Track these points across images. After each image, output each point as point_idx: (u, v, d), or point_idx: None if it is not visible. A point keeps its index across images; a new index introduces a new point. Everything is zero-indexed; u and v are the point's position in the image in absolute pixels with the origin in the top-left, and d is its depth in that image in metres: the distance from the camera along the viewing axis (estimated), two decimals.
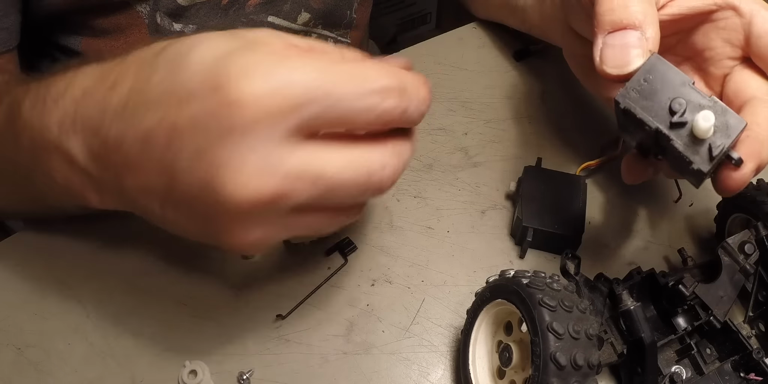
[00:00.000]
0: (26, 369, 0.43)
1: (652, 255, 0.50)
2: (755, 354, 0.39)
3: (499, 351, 0.40)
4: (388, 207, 0.52)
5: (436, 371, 0.44)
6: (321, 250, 0.49)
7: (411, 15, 1.23)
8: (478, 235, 0.50)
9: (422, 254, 0.49)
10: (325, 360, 0.44)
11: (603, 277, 0.38)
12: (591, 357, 0.34)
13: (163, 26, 0.58)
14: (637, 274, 0.41)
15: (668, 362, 0.40)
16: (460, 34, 0.66)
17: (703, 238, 0.52)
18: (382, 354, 0.44)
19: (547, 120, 0.57)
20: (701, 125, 0.31)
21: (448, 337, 0.45)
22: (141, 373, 0.43)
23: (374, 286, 0.47)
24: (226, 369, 0.43)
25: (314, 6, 0.64)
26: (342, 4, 0.66)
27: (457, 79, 0.61)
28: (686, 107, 0.32)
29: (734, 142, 0.33)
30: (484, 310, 0.41)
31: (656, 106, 0.33)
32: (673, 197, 0.54)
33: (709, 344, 0.41)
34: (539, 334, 0.34)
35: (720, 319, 0.40)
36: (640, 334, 0.36)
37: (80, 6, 0.55)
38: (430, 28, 1.28)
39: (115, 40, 0.59)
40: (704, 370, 0.40)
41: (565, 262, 0.40)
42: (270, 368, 0.43)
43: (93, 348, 0.43)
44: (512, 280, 0.38)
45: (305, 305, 0.46)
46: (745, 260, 0.42)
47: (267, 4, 0.61)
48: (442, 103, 0.59)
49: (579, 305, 0.36)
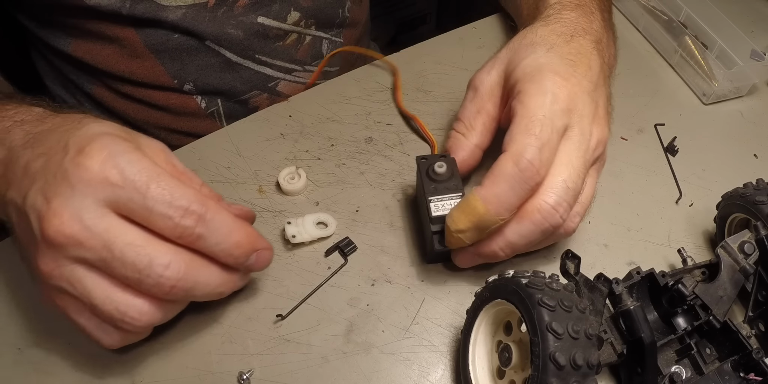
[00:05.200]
0: (26, 369, 0.43)
1: (652, 255, 0.50)
2: (755, 354, 0.39)
3: (498, 351, 0.40)
4: (388, 207, 0.52)
5: (436, 371, 0.44)
6: (321, 250, 0.49)
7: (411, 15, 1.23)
8: None
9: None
10: (325, 360, 0.44)
11: (603, 277, 0.38)
12: (590, 357, 0.34)
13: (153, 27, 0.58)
14: (637, 274, 0.41)
15: (668, 362, 0.40)
16: (460, 34, 0.66)
17: (703, 238, 0.52)
18: (382, 354, 0.44)
19: None
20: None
21: (448, 337, 0.45)
22: (141, 373, 0.43)
23: (374, 286, 0.47)
24: (226, 369, 0.43)
25: (303, 4, 0.63)
26: (333, 3, 0.66)
27: (457, 79, 0.61)
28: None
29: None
30: (483, 310, 0.41)
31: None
32: (673, 197, 0.54)
33: (709, 344, 0.41)
34: (538, 334, 0.34)
35: (720, 319, 0.40)
36: (640, 334, 0.36)
37: (60, 7, 0.55)
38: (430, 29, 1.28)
39: (104, 43, 0.59)
40: (704, 370, 0.40)
41: (565, 261, 0.40)
42: (270, 368, 0.43)
43: (93, 348, 0.43)
44: (511, 280, 0.38)
45: (305, 305, 0.46)
46: (744, 260, 0.42)
47: (256, 5, 0.61)
48: (442, 103, 0.59)
49: (578, 305, 0.36)
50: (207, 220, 0.36)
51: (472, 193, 0.41)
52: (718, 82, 0.59)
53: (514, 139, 0.41)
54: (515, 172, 0.40)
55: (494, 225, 0.41)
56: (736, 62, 0.58)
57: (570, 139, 0.43)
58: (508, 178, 0.40)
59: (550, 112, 0.42)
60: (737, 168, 0.56)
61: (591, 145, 0.44)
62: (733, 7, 0.69)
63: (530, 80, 0.43)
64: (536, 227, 0.42)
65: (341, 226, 0.50)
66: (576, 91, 0.43)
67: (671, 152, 0.57)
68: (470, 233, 0.41)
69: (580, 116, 0.43)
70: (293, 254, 0.49)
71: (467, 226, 0.41)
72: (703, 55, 0.60)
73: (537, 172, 0.40)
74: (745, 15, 0.70)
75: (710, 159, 0.57)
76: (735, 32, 0.60)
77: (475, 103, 0.49)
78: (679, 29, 0.62)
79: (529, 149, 0.40)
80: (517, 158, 0.40)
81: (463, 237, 0.42)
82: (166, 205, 0.35)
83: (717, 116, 0.61)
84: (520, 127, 0.41)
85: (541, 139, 0.41)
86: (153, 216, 0.35)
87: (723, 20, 0.61)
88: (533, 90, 0.43)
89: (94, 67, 0.61)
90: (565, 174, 0.42)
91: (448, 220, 0.42)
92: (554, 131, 0.41)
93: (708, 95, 0.61)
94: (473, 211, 0.40)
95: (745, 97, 0.62)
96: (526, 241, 0.42)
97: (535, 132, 0.41)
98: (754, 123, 0.60)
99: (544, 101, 0.42)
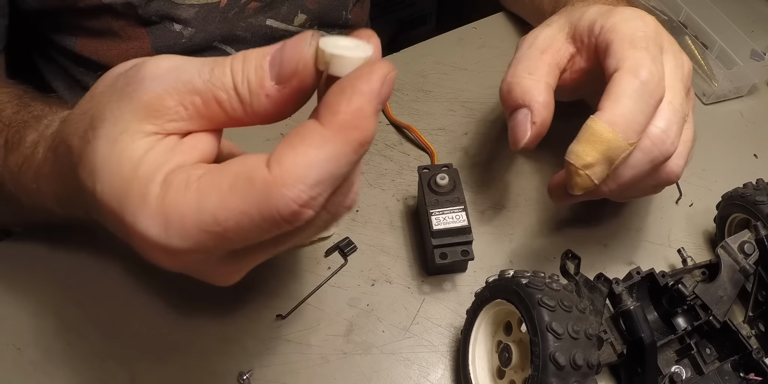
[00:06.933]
0: (26, 369, 0.43)
1: (652, 255, 0.50)
2: (755, 354, 0.39)
3: (498, 351, 0.40)
4: (388, 207, 0.52)
5: (436, 371, 0.44)
6: (321, 250, 0.49)
7: (411, 15, 1.23)
8: (477, 234, 0.50)
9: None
10: (325, 360, 0.44)
11: (603, 277, 0.38)
12: (590, 357, 0.34)
13: (163, 26, 0.58)
14: (637, 274, 0.41)
15: (668, 362, 0.40)
16: (460, 34, 0.66)
17: (703, 238, 0.52)
18: (382, 354, 0.44)
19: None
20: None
21: (448, 337, 0.45)
22: (141, 373, 0.43)
23: (374, 286, 0.47)
24: (226, 369, 0.43)
25: (310, 7, 0.64)
26: (337, 5, 0.66)
27: (457, 79, 0.61)
28: None
29: None
30: (483, 310, 0.41)
31: None
32: (673, 197, 0.54)
33: (709, 344, 0.41)
34: (538, 334, 0.34)
35: (720, 319, 0.40)
36: (640, 334, 0.36)
37: (65, 7, 0.55)
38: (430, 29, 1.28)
39: (112, 41, 0.59)
40: (704, 370, 0.40)
41: (565, 262, 0.40)
42: (270, 368, 0.43)
43: (93, 348, 0.43)
44: (511, 280, 0.37)
45: (305, 305, 0.46)
46: (744, 260, 0.42)
47: (266, 7, 0.61)
48: (442, 103, 0.59)
49: (578, 305, 0.36)
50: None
51: (593, 120, 0.37)
52: (718, 82, 0.59)
53: (624, 55, 0.38)
54: (637, 86, 0.37)
55: (624, 153, 0.37)
56: (736, 62, 0.58)
57: (667, 63, 0.40)
58: (631, 93, 0.36)
59: (649, 31, 0.39)
60: (737, 168, 0.56)
61: (685, 70, 0.41)
62: (733, 7, 0.69)
63: (611, 14, 0.41)
64: (645, 155, 0.38)
65: (341, 226, 0.50)
66: (656, 20, 0.41)
67: None
68: (599, 167, 0.37)
69: (669, 41, 0.41)
70: (294, 254, 0.49)
71: (596, 157, 0.36)
72: (703, 55, 0.60)
73: (658, 83, 0.37)
74: (745, 15, 0.70)
75: (710, 159, 0.57)
76: (735, 32, 0.60)
77: (536, 47, 0.43)
78: (679, 29, 0.62)
79: (646, 61, 0.37)
80: (636, 71, 0.37)
81: (591, 173, 0.37)
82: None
83: (717, 116, 0.61)
84: (624, 46, 0.38)
85: (651, 52, 0.38)
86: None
87: (723, 20, 0.61)
88: (620, 19, 0.40)
89: (100, 65, 0.61)
90: (669, 96, 0.38)
91: (571, 157, 0.37)
92: (657, 48, 0.39)
93: (708, 95, 0.61)
94: (600, 139, 0.36)
95: (745, 97, 0.62)
96: (633, 173, 0.38)
97: (643, 46, 0.38)
98: (754, 123, 0.60)
99: (637, 24, 0.39)
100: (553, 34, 0.44)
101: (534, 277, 0.37)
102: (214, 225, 0.25)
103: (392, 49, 0.65)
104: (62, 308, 0.45)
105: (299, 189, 0.24)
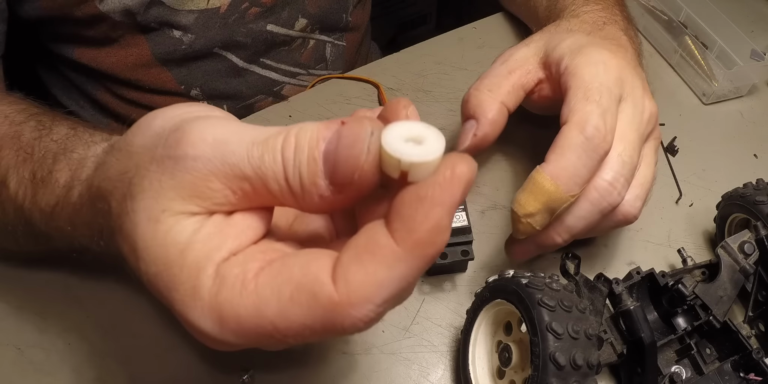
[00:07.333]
0: (26, 369, 0.43)
1: (652, 255, 0.50)
2: (755, 354, 0.39)
3: (498, 351, 0.40)
4: None
5: (436, 371, 0.44)
6: None
7: (411, 15, 1.23)
8: (477, 235, 0.50)
9: None
10: (325, 360, 0.44)
11: (603, 277, 0.38)
12: (590, 357, 0.34)
13: (163, 33, 0.58)
14: (637, 274, 0.41)
15: (668, 362, 0.40)
16: (460, 34, 0.66)
17: (703, 238, 0.52)
18: (382, 354, 0.44)
19: (547, 119, 0.57)
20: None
21: (448, 337, 0.45)
22: (141, 373, 0.43)
23: None
24: (226, 369, 0.43)
25: (311, 11, 0.64)
26: (337, 8, 0.66)
27: (457, 79, 0.61)
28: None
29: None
30: (483, 310, 0.41)
31: None
32: (673, 197, 0.54)
33: (709, 344, 0.41)
34: (538, 334, 0.34)
35: (720, 319, 0.40)
36: (640, 334, 0.36)
37: (62, 16, 0.55)
38: (429, 29, 1.28)
39: (111, 49, 0.59)
40: (704, 370, 0.40)
41: (565, 261, 0.40)
42: (270, 368, 0.43)
43: (93, 348, 0.43)
44: (511, 280, 0.37)
45: None
46: (744, 260, 0.42)
47: (266, 12, 0.61)
48: (442, 103, 0.59)
49: (578, 305, 0.36)
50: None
51: (538, 172, 0.38)
52: (718, 82, 0.59)
53: (575, 108, 0.39)
54: (582, 141, 0.37)
55: (565, 204, 0.38)
56: (736, 62, 0.58)
57: (623, 112, 0.41)
58: (575, 148, 0.37)
59: (606, 81, 0.40)
60: (737, 168, 0.56)
61: (644, 117, 0.42)
62: (733, 7, 0.69)
63: (578, 54, 0.42)
64: (594, 207, 0.39)
65: None
66: (623, 64, 0.42)
67: (671, 152, 0.57)
68: (540, 216, 0.38)
69: (631, 87, 0.42)
70: None
71: (537, 208, 0.38)
72: (703, 55, 0.60)
73: (604, 138, 0.38)
74: (745, 15, 0.70)
75: (710, 159, 0.57)
76: (735, 32, 0.60)
77: (507, 66, 0.45)
78: (679, 29, 0.62)
79: (593, 116, 0.38)
80: (582, 126, 0.38)
81: (533, 222, 0.38)
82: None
83: (717, 116, 0.61)
84: (577, 96, 0.40)
85: (602, 105, 0.39)
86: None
87: (723, 20, 0.61)
88: (584, 62, 0.41)
89: (99, 72, 0.61)
90: (619, 148, 0.39)
91: (515, 205, 0.38)
92: (612, 99, 0.40)
93: (708, 95, 0.61)
94: (542, 190, 0.37)
95: (745, 97, 0.62)
96: (584, 223, 0.40)
97: (595, 98, 0.39)
98: (754, 123, 0.60)
99: (597, 71, 0.40)
100: (527, 56, 0.46)
101: (534, 277, 0.37)
102: (273, 331, 0.24)
103: (392, 49, 0.65)
104: (62, 308, 0.45)
105: (367, 309, 0.23)
